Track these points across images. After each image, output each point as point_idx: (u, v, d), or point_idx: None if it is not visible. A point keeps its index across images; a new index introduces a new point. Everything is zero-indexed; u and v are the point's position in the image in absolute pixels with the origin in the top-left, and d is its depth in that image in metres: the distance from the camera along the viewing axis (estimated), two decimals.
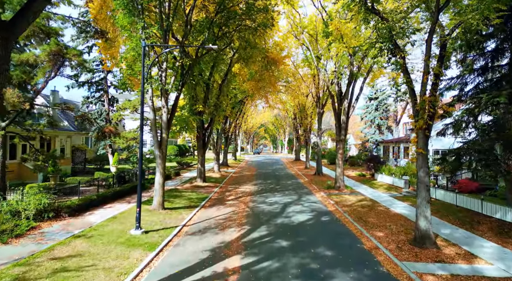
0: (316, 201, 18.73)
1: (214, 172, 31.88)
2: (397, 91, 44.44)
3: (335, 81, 22.58)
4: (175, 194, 19.29)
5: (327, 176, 31.00)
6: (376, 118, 45.42)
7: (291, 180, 28.83)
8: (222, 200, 18.60)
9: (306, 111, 39.47)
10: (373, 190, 22.42)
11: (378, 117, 45.44)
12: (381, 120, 45.40)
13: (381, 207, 16.91)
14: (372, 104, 46.42)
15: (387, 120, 45.94)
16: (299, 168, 40.50)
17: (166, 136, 14.80)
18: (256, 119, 77.92)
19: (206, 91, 23.38)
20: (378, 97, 45.54)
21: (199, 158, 24.20)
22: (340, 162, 22.56)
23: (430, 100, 10.35)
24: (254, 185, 24.77)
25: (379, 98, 45.46)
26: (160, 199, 14.50)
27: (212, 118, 24.28)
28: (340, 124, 22.91)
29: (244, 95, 31.97)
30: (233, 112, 36.97)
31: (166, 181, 24.27)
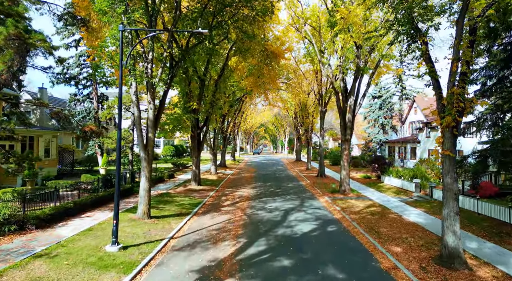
0: (321, 207, 17.08)
1: (210, 174, 30.22)
2: (402, 89, 42.82)
3: (340, 76, 20.93)
4: (166, 200, 17.63)
5: (330, 178, 29.35)
6: (380, 117, 43.74)
7: (293, 182, 27.17)
8: (217, 206, 16.95)
9: (307, 110, 37.81)
10: (381, 194, 20.77)
11: (382, 116, 43.75)
12: (385, 119, 43.72)
13: (392, 215, 15.25)
14: (375, 103, 44.72)
15: (391, 119, 44.26)
16: (301, 169, 38.84)
17: (153, 135, 13.14)
18: (256, 119, 76.24)
19: (201, 87, 21.72)
20: (382, 96, 43.86)
21: (193, 159, 22.54)
22: (345, 164, 20.90)
23: (459, 93, 8.69)
24: (252, 189, 23.11)
25: (383, 96, 43.78)
26: (146, 207, 12.84)
27: (208, 116, 22.63)
28: (345, 123, 21.25)
29: (243, 93, 30.31)
30: (231, 110, 35.31)
31: (158, 185, 22.63)
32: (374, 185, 24.84)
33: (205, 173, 30.85)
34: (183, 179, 26.34)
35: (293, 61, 30.48)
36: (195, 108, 20.84)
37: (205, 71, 21.46)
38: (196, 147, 22.36)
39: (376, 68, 19.86)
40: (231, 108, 33.49)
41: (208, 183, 24.69)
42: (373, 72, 19.96)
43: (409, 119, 35.74)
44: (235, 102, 31.04)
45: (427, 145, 29.40)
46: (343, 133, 21.13)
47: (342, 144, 21.24)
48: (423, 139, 30.08)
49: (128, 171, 20.86)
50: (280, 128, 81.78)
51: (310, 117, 37.94)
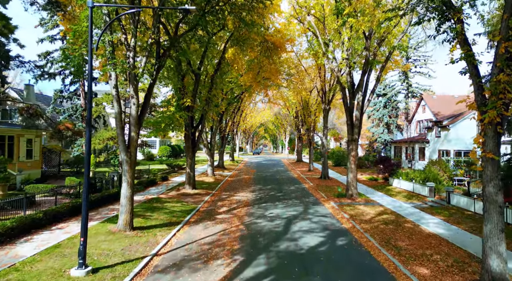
0: (327, 214, 15.37)
1: (207, 176, 28.50)
2: (408, 87, 41.11)
3: (347, 70, 19.21)
4: (155, 206, 15.90)
5: (334, 181, 27.63)
6: (385, 116, 42.05)
7: (294, 185, 25.45)
8: (212, 213, 15.23)
9: (309, 108, 36.09)
10: (391, 199, 19.06)
11: (386, 115, 42.07)
12: (390, 118, 42.04)
13: (408, 224, 13.54)
14: (380, 101, 43.02)
15: (396, 118, 42.57)
16: (302, 170, 37.12)
17: (136, 135, 11.43)
18: (256, 118, 74.56)
19: (195, 83, 20.03)
20: (387, 94, 42.16)
21: (187, 160, 20.83)
22: (352, 166, 19.19)
23: (507, 81, 6.96)
24: (252, 192, 21.40)
25: (388, 94, 42.09)
26: (128, 217, 11.13)
27: (203, 114, 20.91)
28: (353, 121, 19.56)
29: (241, 90, 28.60)
30: (230, 109, 33.61)
31: (149, 188, 20.91)
32: (382, 188, 23.12)
33: (202, 175, 29.14)
34: (177, 181, 24.62)
35: (294, 57, 28.78)
36: (189, 105, 19.15)
37: (200, 65, 19.77)
38: (190, 148, 20.64)
39: (386, 60, 18.14)
40: (229, 106, 31.81)
41: (204, 186, 22.96)
42: (383, 66, 18.24)
43: (417, 118, 34.04)
44: (233, 100, 29.34)
45: (437, 145, 27.70)
46: (350, 132, 19.42)
47: (349, 144, 19.53)
48: (433, 139, 28.38)
49: (116, 173, 19.15)
50: (281, 128, 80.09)
51: (312, 115, 36.23)
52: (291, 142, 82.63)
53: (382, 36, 18.16)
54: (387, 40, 18.17)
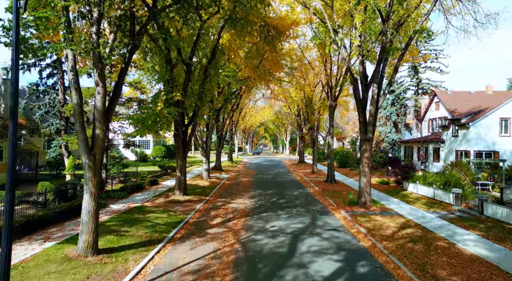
0: (339, 228, 12.93)
1: (202, 179, 26.06)
2: (418, 83, 38.66)
3: (359, 59, 16.78)
4: (135, 218, 13.44)
5: (341, 184, 25.18)
6: (393, 115, 39.61)
7: (298, 189, 23.01)
8: (202, 227, 12.80)
9: (313, 105, 33.66)
10: (410, 207, 16.62)
11: (394, 113, 39.64)
12: (398, 116, 39.60)
13: (441, 242, 11.11)
14: (387, 99, 40.56)
15: (405, 116, 40.14)
16: (305, 172, 34.67)
17: (102, 132, 9.00)
18: (256, 117, 72.19)
19: (186, 74, 17.60)
20: (395, 91, 39.73)
21: (177, 163, 18.39)
22: (366, 169, 16.75)
23: None
24: (251, 199, 18.96)
25: (395, 91, 39.66)
26: (90, 238, 8.69)
27: (196, 111, 18.47)
28: (366, 118, 17.15)
29: (239, 85, 26.17)
30: (227, 106, 31.18)
31: (134, 194, 18.44)
32: (397, 193, 20.68)
33: (196, 178, 26.69)
34: (168, 186, 22.17)
35: (297, 49, 26.33)
36: (179, 99, 16.74)
37: (192, 54, 17.34)
38: (181, 148, 18.19)
39: (406, 47, 15.66)
40: (227, 103, 29.39)
41: (197, 192, 20.51)
42: (403, 53, 15.77)
43: (429, 116, 31.57)
44: (231, 96, 26.89)
45: (454, 145, 25.25)
46: (363, 130, 16.97)
47: (361, 145, 17.08)
48: (449, 139, 25.93)
49: None
50: (281, 127, 77.70)
51: (316, 113, 33.80)
52: (292, 142, 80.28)
53: (401, 19, 15.74)
54: (406, 24, 15.73)
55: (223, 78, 24.95)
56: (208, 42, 17.99)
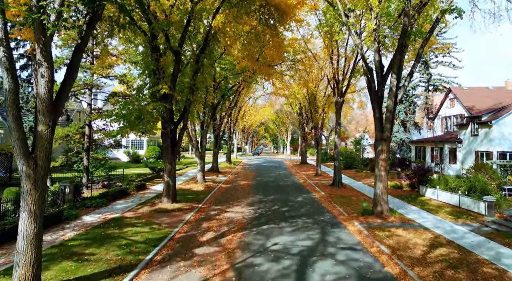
0: (356, 246, 10.66)
1: (196, 182, 23.76)
2: (428, 79, 36.35)
3: (375, 46, 14.49)
4: (109, 234, 11.13)
5: (349, 188, 22.89)
6: (401, 113, 37.27)
7: (302, 194, 20.72)
8: (190, 245, 10.51)
9: (317, 103, 31.36)
10: (433, 218, 14.34)
11: (402, 112, 37.30)
12: (406, 115, 37.28)
13: (487, 267, 8.83)
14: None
15: (413, 115, 37.82)
16: (308, 174, 32.38)
17: (48, 129, 6.71)
18: (256, 117, 69.94)
19: (175, 64, 15.33)
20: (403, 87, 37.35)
21: (165, 165, 16.11)
22: (382, 174, 14.47)
23: None
24: (249, 206, 16.67)
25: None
26: (29, 272, 6.39)
27: (187, 106, 16.19)
28: (382, 114, 14.90)
29: (237, 80, 23.89)
30: (225, 103, 28.90)
31: (115, 202, 16.11)
32: (413, 199, 18.40)
33: (190, 182, 24.38)
34: (157, 191, 19.87)
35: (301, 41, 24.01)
36: (167, 93, 14.47)
37: (182, 40, 15.07)
38: (169, 149, 15.90)
39: (432, 30, 13.35)
40: (224, 99, 27.12)
41: (189, 198, 18.22)
42: (427, 37, 13.47)
43: (442, 114, 29.26)
44: (228, 91, 24.60)
45: (473, 145, 22.97)
46: (379, 128, 14.69)
47: (377, 145, 14.79)
48: (467, 138, 23.64)
49: (68, 184, 14.42)
50: (282, 127, 75.43)
51: (320, 111, 31.51)
52: (293, 142, 78.07)
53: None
54: (430, 3, 13.44)
55: (220, 72, 22.71)
56: (200, 27, 15.70)
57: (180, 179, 25.87)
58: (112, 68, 18.91)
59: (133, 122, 14.27)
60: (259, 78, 23.38)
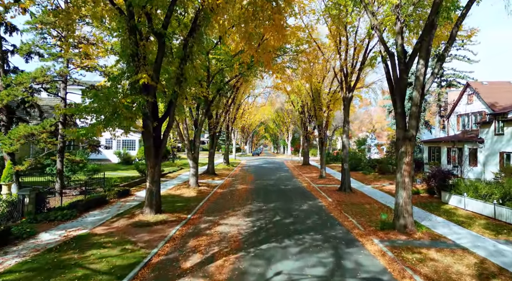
0: (382, 276, 8.25)
1: (189, 187, 21.32)
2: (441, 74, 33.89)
3: (398, 26, 12.06)
4: (63, 260, 8.68)
5: (359, 194, 20.45)
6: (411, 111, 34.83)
7: (307, 201, 18.31)
8: (169, 274, 8.09)
9: (321, 99, 28.93)
10: (467, 232, 11.92)
11: None
12: None
13: None
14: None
15: (424, 112, 35.39)
16: (312, 177, 29.95)
17: None
18: (256, 116, 67.53)
19: (159, 49, 12.93)
20: (413, 83, 34.96)
21: (148, 170, 13.67)
22: (406, 180, 12.04)
23: None
24: (246, 217, 14.26)
25: (412, 84, 34.87)
26: None
27: (173, 100, 13.76)
28: (404, 109, 12.52)
29: (235, 73, 21.45)
30: (220, 99, 26.48)
31: (88, 213, 13.66)
32: (436, 208, 15.99)
33: (181, 186, 21.93)
34: (141, 198, 17.40)
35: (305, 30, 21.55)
36: (149, 84, 12.09)
37: (167, 21, 12.66)
38: (152, 150, 13.46)
39: (470, 4, 10.89)
40: (219, 94, 24.70)
41: (177, 206, 15.81)
42: (463, 13, 11.04)
43: (458, 111, 26.84)
44: (224, 86, 22.18)
45: (497, 146, 20.54)
46: (402, 125, 12.28)
47: (399, 145, 12.35)
48: (490, 138, 21.21)
49: (28, 192, 12.00)
50: (282, 126, 73.01)
51: (325, 108, 29.07)
52: (295, 141, 75.69)
53: None
54: None
55: (215, 64, 20.29)
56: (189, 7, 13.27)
57: (171, 183, 23.45)
58: (89, 57, 16.48)
59: (107, 119, 11.83)
60: (258, 70, 20.99)
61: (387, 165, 31.52)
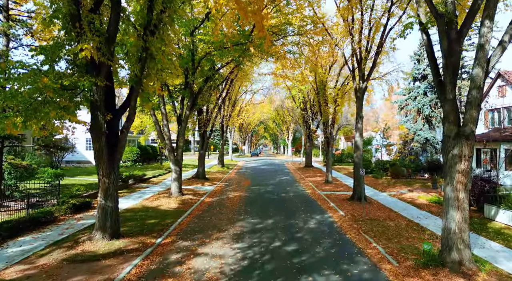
0: None
1: (170, 196, 17.67)
2: (462, 65, 30.09)
3: None
4: None
5: (376, 205, 16.82)
6: (425, 107, 31.28)
7: (314, 215, 14.68)
8: None
9: (326, 94, 25.27)
10: None
11: (428, 106, 31.30)
12: (432, 109, 31.26)
13: None
14: (417, 87, 32.29)
15: (440, 109, 31.73)
16: (316, 181, 26.35)
17: None
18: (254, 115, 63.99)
19: (112, 12, 9.30)
20: (428, 76, 31.44)
21: (99, 180, 9.99)
22: (460, 196, 8.44)
23: None
24: (235, 242, 10.63)
25: (428, 77, 31.36)
26: None
27: (134, 85, 10.10)
28: (455, 94, 8.87)
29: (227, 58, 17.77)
30: (210, 92, 22.81)
31: (13, 240, 9.91)
32: (481, 227, 12.38)
33: (162, 195, 18.26)
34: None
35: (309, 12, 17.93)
36: (97, 61, 8.51)
37: None
38: (104, 152, 9.79)
39: None
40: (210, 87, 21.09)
41: (148, 225, 12.16)
42: None
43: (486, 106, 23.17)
44: (213, 75, 18.49)
45: None
46: (453, 118, 8.64)
47: (450, 146, 8.66)
48: None
49: None
50: (283, 125, 69.42)
51: (331, 104, 25.44)
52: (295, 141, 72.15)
53: None
54: None
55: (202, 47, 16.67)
56: None
57: (151, 191, 19.81)
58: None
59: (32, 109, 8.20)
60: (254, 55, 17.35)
61: (401, 168, 27.92)
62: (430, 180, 24.14)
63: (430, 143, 30.85)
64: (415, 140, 31.66)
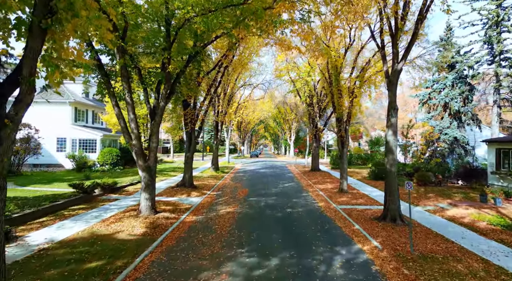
0: None
1: (137, 216, 13.10)
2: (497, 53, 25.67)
3: None
4: None
5: (420, 229, 12.22)
6: (454, 101, 26.71)
7: (337, 247, 10.14)
8: None
9: (341, 84, 20.67)
10: None
11: (457, 100, 26.74)
12: (462, 105, 26.71)
13: None
14: (445, 77, 27.70)
15: (471, 103, 27.24)
16: (328, 190, 21.82)
17: None
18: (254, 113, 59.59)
19: None
20: (456, 66, 26.88)
21: None
22: None
23: None
24: None
25: (457, 67, 26.81)
26: None
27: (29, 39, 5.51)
28: None
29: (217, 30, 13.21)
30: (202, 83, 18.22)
31: None
32: None
33: (129, 214, 13.65)
34: (31, 245, 9.24)
35: None
36: None
37: None
38: None
39: None
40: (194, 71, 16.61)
41: (83, 272, 7.60)
42: None
43: None
44: (198, 53, 13.89)
45: None
46: None
47: None
48: None
49: None
50: (284, 124, 64.92)
51: (346, 96, 20.87)
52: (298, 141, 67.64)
53: None
54: None
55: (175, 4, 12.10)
56: None
57: (118, 206, 15.26)
58: None
59: None
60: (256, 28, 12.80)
61: (428, 173, 23.36)
62: (470, 189, 19.63)
63: (460, 144, 26.30)
64: (441, 139, 27.10)
